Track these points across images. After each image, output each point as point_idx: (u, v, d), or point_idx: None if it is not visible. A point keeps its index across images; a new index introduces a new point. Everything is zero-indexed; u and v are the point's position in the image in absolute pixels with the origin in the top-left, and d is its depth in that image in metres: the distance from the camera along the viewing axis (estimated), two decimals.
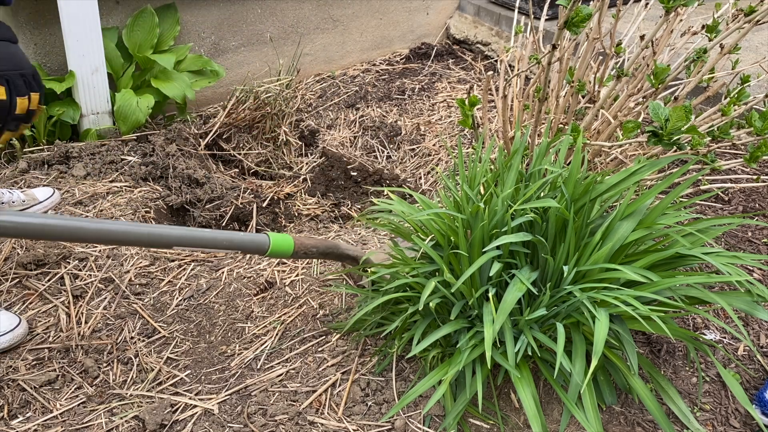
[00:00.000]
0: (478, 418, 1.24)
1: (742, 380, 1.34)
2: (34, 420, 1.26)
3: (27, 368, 1.38)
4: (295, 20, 2.76)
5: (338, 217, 2.19)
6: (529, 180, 1.31)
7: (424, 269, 1.26)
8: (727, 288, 1.51)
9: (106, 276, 1.62)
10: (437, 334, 1.19)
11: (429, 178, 2.27)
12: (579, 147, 1.26)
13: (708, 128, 1.55)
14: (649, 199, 1.21)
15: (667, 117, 1.19)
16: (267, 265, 1.68)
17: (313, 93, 2.85)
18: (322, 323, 1.49)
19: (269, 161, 2.40)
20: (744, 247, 1.70)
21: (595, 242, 1.19)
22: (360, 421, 1.23)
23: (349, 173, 2.35)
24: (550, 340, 1.14)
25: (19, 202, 1.86)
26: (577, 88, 1.68)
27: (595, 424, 1.09)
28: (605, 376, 1.26)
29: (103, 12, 2.17)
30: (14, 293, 1.56)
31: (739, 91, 1.55)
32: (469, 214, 1.23)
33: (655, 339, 1.42)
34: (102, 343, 1.44)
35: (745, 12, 1.45)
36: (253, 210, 2.06)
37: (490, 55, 3.04)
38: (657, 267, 1.20)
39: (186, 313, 1.54)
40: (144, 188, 2.03)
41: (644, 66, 1.58)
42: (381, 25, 3.05)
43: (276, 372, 1.35)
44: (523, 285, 1.12)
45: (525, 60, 1.91)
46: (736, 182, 1.91)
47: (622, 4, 1.70)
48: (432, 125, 2.52)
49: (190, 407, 1.28)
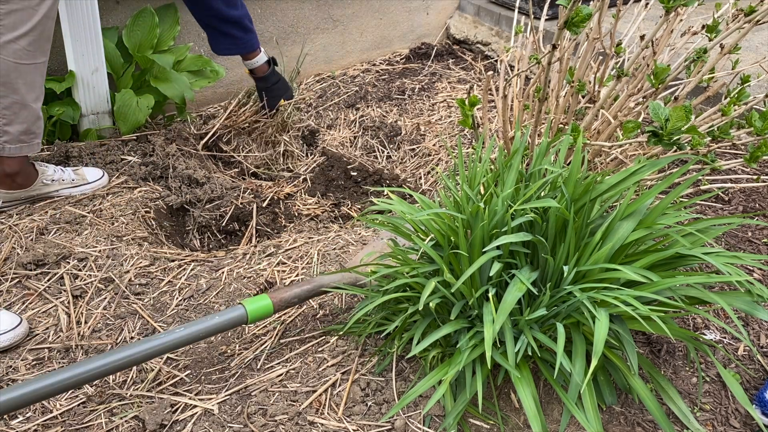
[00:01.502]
0: (478, 418, 1.24)
1: (742, 380, 1.34)
2: (34, 420, 1.26)
3: (27, 368, 1.38)
4: (295, 20, 2.76)
5: (338, 217, 2.19)
6: (529, 180, 1.31)
7: (424, 269, 1.26)
8: (727, 288, 1.51)
9: (106, 276, 1.62)
10: (437, 334, 1.19)
11: (429, 178, 2.27)
12: (579, 147, 1.26)
13: (708, 128, 1.55)
14: (649, 199, 1.21)
15: (667, 117, 1.19)
16: (267, 265, 1.68)
17: (313, 93, 2.85)
18: (322, 323, 1.49)
19: (268, 164, 2.40)
20: (744, 247, 1.70)
21: (595, 242, 1.19)
22: (360, 421, 1.23)
23: (349, 173, 2.35)
24: (550, 340, 1.14)
25: (69, 180, 1.89)
26: (577, 88, 1.68)
27: (595, 424, 1.09)
28: (605, 376, 1.26)
29: (103, 12, 2.17)
30: (14, 293, 1.56)
31: (739, 91, 1.55)
32: (469, 214, 1.23)
33: (655, 339, 1.42)
34: (102, 343, 1.44)
35: (745, 12, 1.45)
36: (253, 210, 2.06)
37: (490, 55, 3.04)
38: (657, 267, 1.20)
39: (186, 313, 1.54)
40: (144, 188, 2.03)
41: (644, 66, 1.58)
42: (381, 25, 3.05)
43: (276, 372, 1.35)
44: (523, 285, 1.12)
45: (525, 60, 1.91)
46: (736, 182, 1.91)
47: (622, 4, 1.70)
48: (432, 125, 2.52)
49: (190, 407, 1.28)
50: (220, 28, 2.04)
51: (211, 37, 2.11)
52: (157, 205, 1.98)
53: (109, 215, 1.86)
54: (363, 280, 1.43)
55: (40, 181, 1.86)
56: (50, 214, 1.83)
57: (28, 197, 1.87)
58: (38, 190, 1.87)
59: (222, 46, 2.11)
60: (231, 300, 1.57)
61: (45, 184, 1.87)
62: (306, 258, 1.71)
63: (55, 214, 1.83)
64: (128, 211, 1.90)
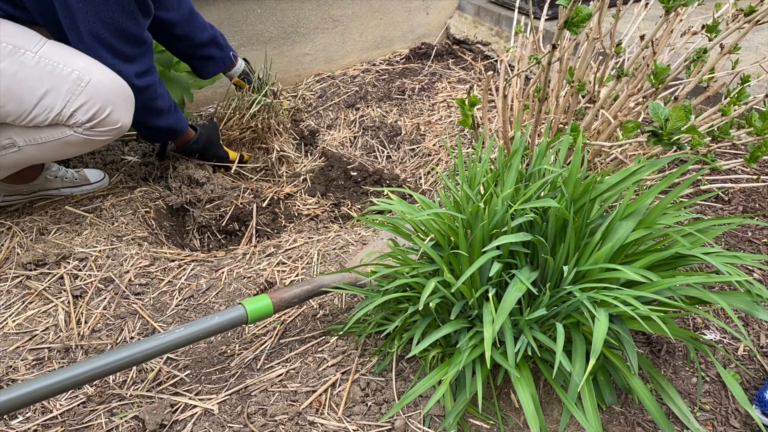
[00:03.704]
0: (478, 418, 1.24)
1: (742, 380, 1.34)
2: (34, 420, 1.26)
3: (27, 368, 1.38)
4: (295, 20, 2.76)
5: (338, 217, 2.19)
6: (529, 180, 1.31)
7: (424, 269, 1.26)
8: (727, 288, 1.51)
9: (106, 276, 1.62)
10: (437, 334, 1.19)
11: (429, 178, 2.27)
12: (579, 147, 1.26)
13: (708, 128, 1.55)
14: (648, 199, 1.21)
15: (667, 117, 1.19)
16: (267, 265, 1.68)
17: (313, 93, 2.85)
18: (322, 323, 1.49)
19: (265, 171, 2.40)
20: (744, 247, 1.70)
21: (595, 242, 1.19)
22: (360, 421, 1.23)
23: (349, 173, 2.34)
24: (550, 340, 1.14)
25: (71, 179, 1.91)
26: (577, 88, 1.68)
27: (594, 424, 1.09)
28: (605, 376, 1.26)
29: None
30: (14, 293, 1.57)
31: (739, 91, 1.55)
32: (469, 214, 1.23)
33: (655, 339, 1.42)
34: (102, 343, 1.44)
35: (745, 12, 1.45)
36: (253, 210, 2.06)
37: (490, 55, 3.04)
38: (657, 267, 1.20)
39: (186, 313, 1.54)
40: (144, 188, 2.03)
41: (644, 66, 1.58)
42: (381, 25, 3.05)
43: (276, 372, 1.35)
44: (523, 285, 1.12)
45: (525, 60, 1.91)
46: (736, 182, 1.91)
47: (622, 4, 1.70)
48: (432, 125, 2.52)
49: (190, 407, 1.28)
50: (200, 53, 2.09)
51: (195, 67, 2.16)
52: (157, 205, 1.98)
53: (109, 215, 1.86)
54: (363, 280, 1.43)
55: (44, 176, 1.86)
56: (50, 214, 1.83)
57: (31, 192, 1.87)
58: (41, 185, 1.87)
59: (207, 69, 2.16)
60: (231, 300, 1.57)
61: (48, 180, 1.88)
62: (306, 258, 1.71)
63: (55, 214, 1.83)
64: (128, 211, 1.90)
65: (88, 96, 1.56)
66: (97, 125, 1.60)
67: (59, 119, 1.56)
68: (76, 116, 1.57)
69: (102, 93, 1.58)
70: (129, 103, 1.65)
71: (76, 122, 1.58)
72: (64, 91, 1.54)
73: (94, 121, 1.59)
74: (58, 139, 1.60)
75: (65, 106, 1.55)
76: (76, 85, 1.54)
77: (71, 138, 1.60)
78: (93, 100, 1.57)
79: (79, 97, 1.55)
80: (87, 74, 1.56)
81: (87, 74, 1.56)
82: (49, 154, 1.65)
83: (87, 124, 1.59)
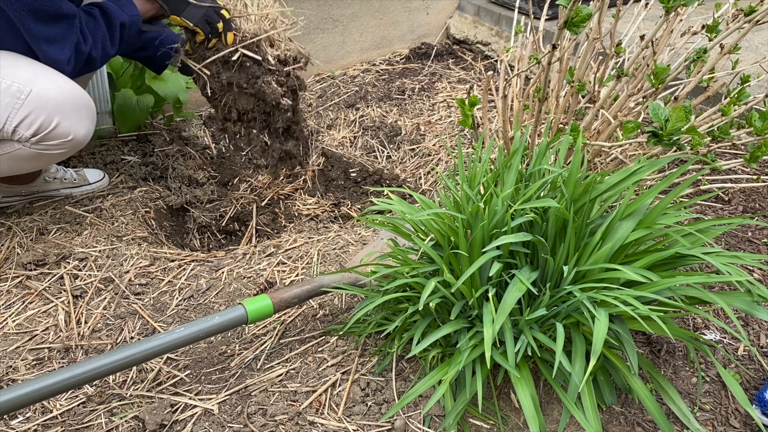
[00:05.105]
0: (478, 418, 1.24)
1: (742, 380, 1.34)
2: (34, 420, 1.26)
3: (27, 368, 1.38)
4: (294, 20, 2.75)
5: (338, 217, 2.19)
6: (529, 180, 1.31)
7: (424, 269, 1.26)
8: (727, 288, 1.51)
9: (106, 276, 1.62)
10: (437, 334, 1.19)
11: (429, 178, 2.27)
12: (579, 147, 1.26)
13: (708, 128, 1.55)
14: (648, 199, 1.21)
15: (667, 117, 1.19)
16: (267, 265, 1.68)
17: (313, 93, 2.85)
18: (322, 323, 1.49)
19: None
20: (744, 247, 1.70)
21: (595, 242, 1.19)
22: (360, 421, 1.23)
23: (349, 173, 2.34)
24: (550, 340, 1.14)
25: (70, 180, 1.90)
26: (577, 88, 1.68)
27: (594, 424, 1.09)
28: (605, 376, 1.26)
29: None
30: (14, 293, 1.57)
31: (739, 91, 1.55)
32: (469, 214, 1.23)
33: (655, 339, 1.42)
34: (102, 343, 1.44)
35: (745, 12, 1.45)
36: (253, 210, 2.06)
37: (490, 55, 3.04)
38: (657, 267, 1.20)
39: (186, 313, 1.54)
40: (144, 188, 2.03)
41: (644, 66, 1.58)
42: (381, 25, 3.05)
43: (276, 372, 1.35)
44: (523, 285, 1.12)
45: (525, 60, 1.91)
46: (736, 182, 1.91)
47: (622, 4, 1.70)
48: (432, 125, 2.52)
49: (190, 407, 1.28)
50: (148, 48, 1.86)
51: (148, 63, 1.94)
52: (157, 205, 1.98)
53: (109, 215, 1.86)
54: (363, 280, 1.43)
55: (42, 178, 1.86)
56: (50, 214, 1.83)
57: (30, 193, 1.87)
58: (39, 187, 1.87)
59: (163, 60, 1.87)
60: (231, 300, 1.57)
61: (47, 181, 1.87)
62: (306, 258, 1.71)
63: (55, 214, 1.83)
64: (128, 211, 1.90)
65: (29, 108, 1.45)
66: (44, 139, 1.50)
67: (3, 135, 1.47)
68: (19, 131, 1.46)
69: (47, 104, 1.46)
70: (82, 114, 1.53)
71: (21, 137, 1.48)
72: (4, 105, 1.43)
73: (40, 135, 1.48)
74: (8, 153, 1.52)
75: (6, 121, 1.45)
76: (16, 99, 1.44)
77: (21, 152, 1.51)
78: (36, 113, 1.46)
79: (20, 110, 1.45)
80: (28, 85, 1.44)
81: (28, 85, 1.44)
82: (5, 168, 1.56)
83: (33, 138, 1.48)
